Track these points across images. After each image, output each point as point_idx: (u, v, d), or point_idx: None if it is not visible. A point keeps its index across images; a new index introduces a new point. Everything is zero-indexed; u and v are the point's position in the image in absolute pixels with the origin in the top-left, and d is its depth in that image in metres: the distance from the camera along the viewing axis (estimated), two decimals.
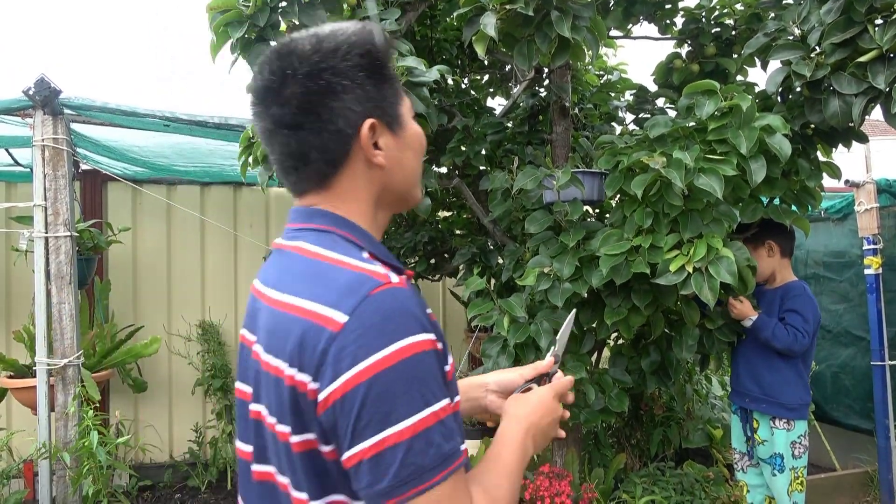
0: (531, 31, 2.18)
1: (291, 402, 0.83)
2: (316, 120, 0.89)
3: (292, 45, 0.90)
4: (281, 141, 0.92)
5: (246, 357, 0.97)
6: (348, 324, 0.79)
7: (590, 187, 2.57)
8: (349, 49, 0.90)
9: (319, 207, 0.94)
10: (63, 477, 3.21)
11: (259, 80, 0.92)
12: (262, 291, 0.95)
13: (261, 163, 2.73)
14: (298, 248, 0.92)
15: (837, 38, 2.01)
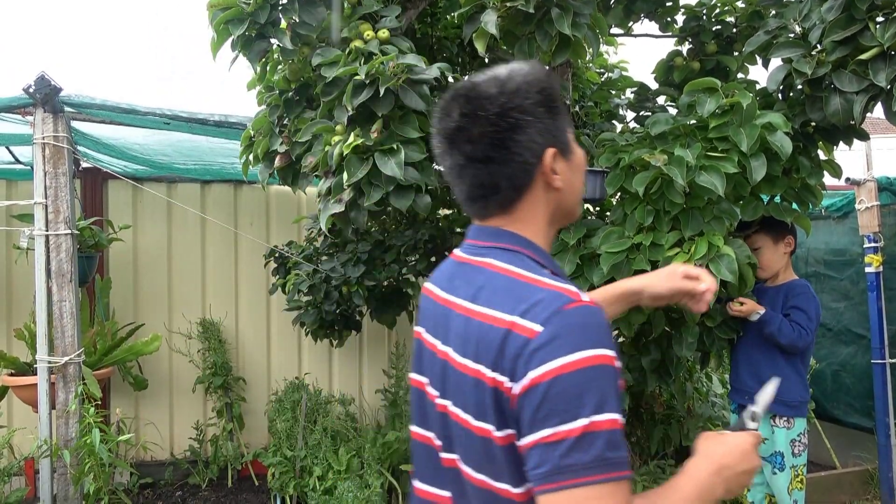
0: (532, 29, 2.18)
1: (494, 402, 0.93)
2: (506, 154, 1.00)
3: (478, 89, 1.03)
4: (472, 174, 1.03)
5: (426, 354, 1.10)
6: (542, 332, 0.89)
7: (591, 185, 2.57)
8: (528, 88, 1.02)
9: (505, 229, 1.06)
10: (64, 475, 3.21)
11: (449, 122, 1.04)
12: (452, 300, 1.06)
13: (261, 161, 2.73)
14: (489, 264, 1.03)
15: (838, 35, 2.01)
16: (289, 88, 2.67)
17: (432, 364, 1.08)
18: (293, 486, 3.70)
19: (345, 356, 4.79)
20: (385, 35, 2.28)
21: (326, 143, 2.28)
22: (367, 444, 3.81)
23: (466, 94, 1.03)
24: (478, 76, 1.06)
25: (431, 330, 1.10)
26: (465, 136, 1.02)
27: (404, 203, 2.18)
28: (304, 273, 3.72)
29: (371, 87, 2.13)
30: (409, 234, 3.60)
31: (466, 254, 1.10)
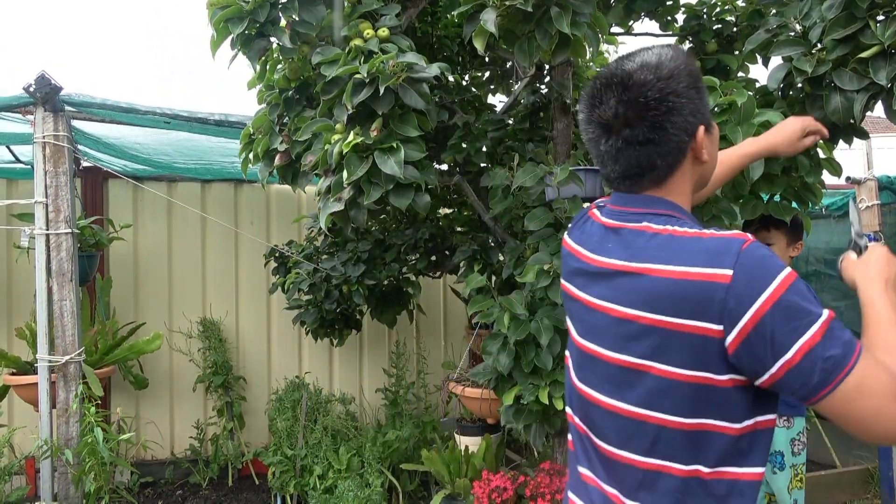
0: (531, 28, 2.18)
1: (697, 348, 1.00)
2: (664, 135, 1.10)
3: (634, 77, 1.10)
4: (631, 155, 1.12)
5: (593, 317, 1.16)
6: (735, 274, 0.98)
7: (591, 184, 2.57)
8: (680, 73, 1.10)
9: (658, 196, 1.15)
10: (65, 474, 3.21)
11: (606, 109, 1.12)
12: (609, 262, 1.13)
13: (261, 159, 2.73)
14: (648, 227, 1.11)
15: (839, 33, 2.00)
16: (289, 87, 2.67)
17: (597, 326, 1.16)
18: (293, 485, 3.70)
19: (345, 355, 4.79)
20: (385, 33, 2.28)
21: (326, 141, 2.28)
22: (367, 443, 3.81)
23: (623, 83, 1.10)
24: (625, 63, 1.12)
25: (594, 292, 1.17)
26: (624, 122, 1.10)
27: (404, 202, 2.18)
28: (304, 272, 3.72)
29: (371, 85, 2.13)
30: (410, 234, 3.61)
31: (616, 220, 1.17)
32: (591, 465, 1.20)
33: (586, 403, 1.19)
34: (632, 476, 1.10)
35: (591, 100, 1.16)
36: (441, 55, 3.58)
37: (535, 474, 2.79)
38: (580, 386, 1.21)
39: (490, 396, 3.08)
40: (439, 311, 5.09)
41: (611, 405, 1.12)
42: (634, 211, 1.16)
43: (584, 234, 1.26)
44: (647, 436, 1.07)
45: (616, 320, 1.10)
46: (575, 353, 1.24)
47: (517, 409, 2.62)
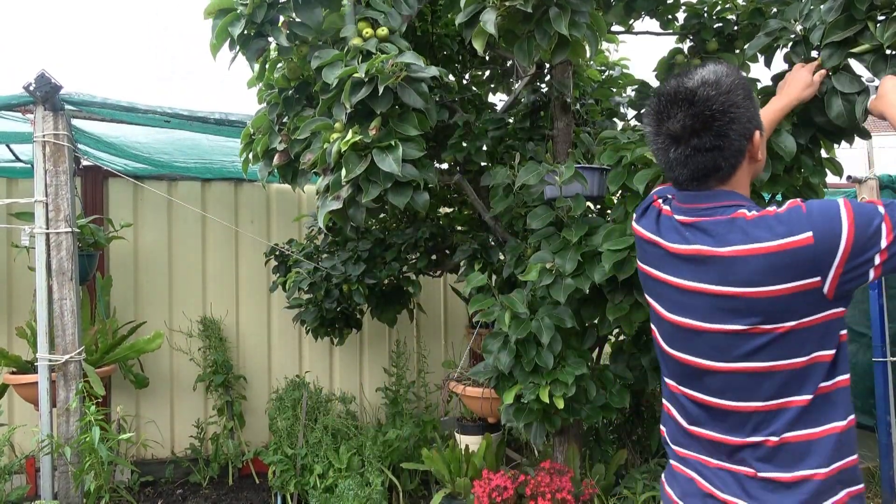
0: (531, 28, 2.17)
1: (800, 302, 1.19)
2: (727, 141, 1.28)
3: (698, 93, 1.28)
4: (699, 161, 1.30)
5: (685, 297, 1.33)
6: (815, 234, 1.18)
7: (591, 183, 2.57)
8: (736, 86, 1.29)
9: (724, 190, 1.33)
10: (65, 472, 3.21)
11: (675, 123, 1.30)
12: (703, 249, 1.29)
13: (261, 159, 2.73)
14: (722, 217, 1.28)
15: (838, 36, 1.99)
16: (288, 87, 2.66)
17: (696, 304, 1.31)
18: (294, 485, 3.70)
19: (345, 354, 4.79)
20: (384, 33, 2.28)
21: (325, 140, 2.28)
22: (367, 442, 3.81)
23: (688, 99, 1.29)
24: (686, 81, 1.31)
25: (686, 276, 1.33)
26: (692, 132, 1.28)
27: (402, 200, 2.17)
28: (304, 271, 3.72)
29: (369, 84, 2.13)
30: (410, 233, 3.60)
31: (689, 216, 1.34)
32: (696, 423, 1.37)
33: (689, 369, 1.36)
34: (753, 420, 1.26)
35: (658, 115, 1.34)
36: (441, 54, 3.58)
37: (536, 473, 2.78)
38: (677, 354, 1.38)
39: (490, 395, 3.08)
40: (440, 311, 5.08)
41: (724, 367, 1.28)
42: (705, 206, 1.32)
43: (657, 226, 1.42)
44: (768, 383, 1.24)
45: (715, 297, 1.27)
46: (666, 326, 1.40)
47: (517, 408, 2.62)
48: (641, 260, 1.48)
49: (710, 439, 1.34)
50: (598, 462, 3.28)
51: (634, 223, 1.52)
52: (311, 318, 3.78)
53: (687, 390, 1.39)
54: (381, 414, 4.64)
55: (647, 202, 1.52)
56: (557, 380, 2.47)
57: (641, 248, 1.49)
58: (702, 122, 1.27)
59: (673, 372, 1.43)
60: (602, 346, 3.28)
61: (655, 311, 1.44)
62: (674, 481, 1.44)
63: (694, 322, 1.32)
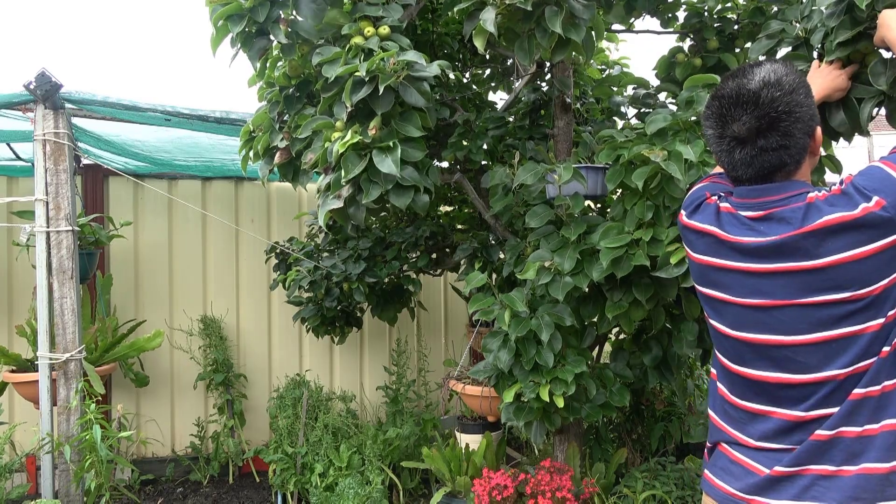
0: (531, 26, 2.18)
1: (886, 260, 1.25)
2: (792, 140, 1.32)
3: (760, 94, 1.32)
4: (765, 160, 1.34)
5: (762, 279, 1.36)
6: (884, 198, 1.25)
7: (592, 182, 2.57)
8: (798, 85, 1.33)
9: (791, 180, 1.36)
10: (66, 471, 3.22)
11: (740, 125, 1.34)
12: (783, 235, 1.32)
13: (261, 157, 2.73)
14: (796, 205, 1.32)
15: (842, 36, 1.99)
16: (289, 85, 2.66)
17: (764, 281, 1.35)
18: (294, 483, 3.71)
19: (346, 353, 4.80)
20: (385, 31, 2.28)
21: (326, 139, 2.28)
22: (368, 440, 3.81)
23: (753, 101, 1.32)
24: (747, 83, 1.34)
25: (745, 260, 1.38)
26: (758, 134, 1.32)
27: (403, 201, 2.18)
28: (304, 269, 3.72)
29: (370, 83, 2.13)
30: (410, 231, 3.60)
31: (758, 210, 1.37)
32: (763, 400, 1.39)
33: (761, 348, 1.38)
34: (825, 388, 1.30)
35: (722, 118, 1.37)
36: (441, 52, 3.58)
37: (536, 472, 2.79)
38: (749, 336, 1.39)
39: (491, 394, 3.08)
40: (440, 309, 5.09)
41: (806, 340, 1.31)
42: (776, 198, 1.36)
43: (717, 220, 1.44)
44: (851, 348, 1.28)
45: (804, 273, 1.30)
46: (733, 310, 1.42)
47: (518, 407, 2.62)
48: (697, 251, 1.49)
49: (786, 418, 1.35)
50: (599, 461, 3.29)
51: (685, 218, 1.53)
52: (312, 316, 3.78)
53: (753, 371, 1.40)
54: (382, 412, 4.64)
55: (698, 199, 1.53)
56: (557, 378, 2.48)
57: (696, 240, 1.49)
58: (768, 123, 1.31)
59: (738, 355, 1.44)
60: (602, 345, 3.28)
61: (717, 299, 1.46)
62: (727, 475, 1.44)
63: (776, 300, 1.34)
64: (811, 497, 1.30)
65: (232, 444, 4.29)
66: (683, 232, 1.55)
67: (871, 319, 1.27)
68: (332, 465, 3.67)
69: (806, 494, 1.31)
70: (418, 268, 3.67)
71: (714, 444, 1.52)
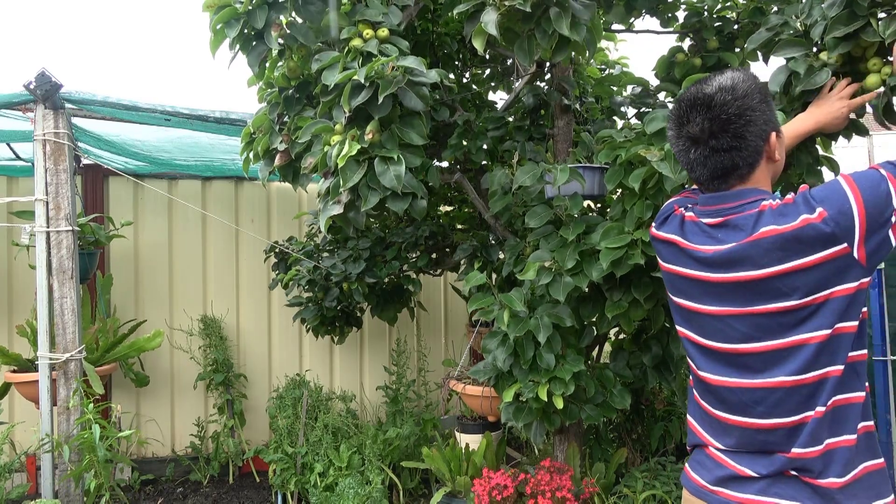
0: (532, 27, 2.17)
1: (841, 268, 1.29)
2: (743, 142, 1.37)
3: (715, 98, 1.37)
4: (717, 160, 1.40)
5: (722, 288, 1.40)
6: (827, 209, 1.28)
7: (591, 182, 2.57)
8: (752, 91, 1.38)
9: (746, 187, 1.42)
10: (66, 471, 3.22)
11: (693, 126, 1.40)
12: (738, 243, 1.36)
13: (261, 159, 2.73)
14: (749, 212, 1.37)
15: (840, 32, 1.99)
16: (288, 86, 2.66)
17: (724, 289, 1.40)
18: (294, 483, 3.71)
19: (346, 353, 4.80)
20: (384, 34, 2.28)
21: (326, 142, 2.28)
22: (367, 440, 3.81)
23: (706, 104, 1.38)
24: (705, 88, 1.40)
25: (707, 270, 1.42)
26: (710, 135, 1.38)
27: (401, 206, 2.19)
28: (304, 269, 3.72)
29: (370, 88, 2.13)
30: (410, 231, 3.60)
31: (716, 217, 1.43)
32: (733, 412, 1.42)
33: (722, 355, 1.42)
34: (797, 396, 1.33)
35: (679, 119, 1.43)
36: (441, 52, 3.58)
37: (536, 472, 2.79)
38: (712, 343, 1.44)
39: (490, 394, 3.08)
40: (440, 309, 5.09)
41: (758, 348, 1.36)
42: (732, 205, 1.41)
43: (681, 230, 1.50)
44: (809, 354, 1.31)
45: (756, 282, 1.35)
46: (698, 319, 1.47)
47: (517, 407, 2.62)
48: (665, 261, 1.56)
49: (747, 426, 1.39)
50: (599, 460, 3.29)
51: (654, 230, 1.59)
52: (312, 316, 3.78)
53: (723, 378, 1.43)
54: (382, 412, 4.65)
55: (668, 211, 1.59)
56: (556, 378, 2.48)
57: (663, 250, 1.56)
58: (719, 125, 1.37)
59: (707, 363, 1.48)
60: (602, 345, 3.28)
61: (684, 307, 1.51)
62: (701, 468, 1.49)
63: (732, 308, 1.39)
64: (774, 493, 1.35)
65: (232, 444, 4.29)
66: (653, 243, 1.61)
67: (817, 329, 1.31)
68: (332, 464, 3.67)
69: (770, 490, 1.36)
70: (418, 268, 3.67)
71: (693, 447, 1.58)
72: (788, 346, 1.34)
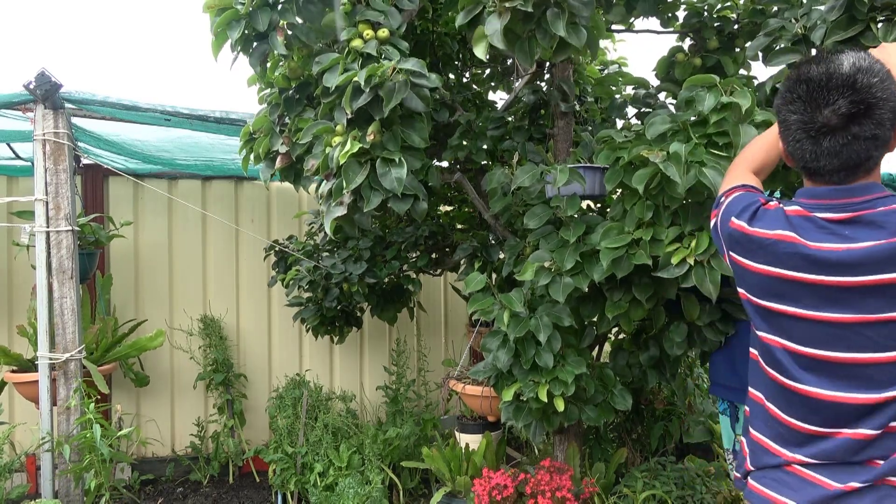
0: (532, 27, 2.17)
1: None
2: (883, 130, 1.25)
3: (856, 78, 1.24)
4: (854, 149, 1.26)
5: (854, 293, 1.28)
6: None
7: (591, 182, 2.57)
8: (887, 75, 1.26)
9: (870, 182, 1.30)
10: (66, 470, 3.22)
11: (837, 110, 1.25)
12: (876, 243, 1.25)
13: (263, 160, 2.73)
14: (886, 207, 1.27)
15: (840, 36, 2.00)
16: (289, 87, 2.66)
17: (837, 297, 1.29)
18: (294, 483, 3.71)
19: (346, 353, 4.80)
20: (384, 34, 2.28)
21: (327, 144, 2.28)
22: (367, 440, 3.81)
23: (850, 85, 1.24)
24: (839, 67, 1.25)
25: (831, 273, 1.29)
26: (852, 120, 1.24)
27: (403, 207, 2.19)
28: (304, 269, 3.72)
29: (371, 91, 2.13)
30: (410, 231, 3.60)
31: (842, 213, 1.30)
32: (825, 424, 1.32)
33: (831, 365, 1.30)
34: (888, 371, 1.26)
35: (813, 102, 1.27)
36: (441, 52, 3.58)
37: (536, 472, 2.79)
38: (820, 353, 1.31)
39: (490, 394, 3.08)
40: (440, 309, 5.09)
41: (887, 358, 1.26)
42: (862, 199, 1.29)
43: (789, 225, 1.35)
44: None
45: None
46: (802, 326, 1.33)
47: (517, 407, 2.62)
48: (757, 261, 1.38)
49: (850, 437, 1.29)
50: (598, 460, 3.29)
51: (745, 225, 1.40)
52: (312, 316, 3.78)
53: (832, 393, 1.31)
54: (382, 412, 4.65)
55: (753, 205, 1.42)
56: (557, 378, 2.48)
57: (757, 249, 1.38)
58: (864, 109, 1.23)
59: (808, 374, 1.35)
60: (602, 345, 3.28)
61: (778, 312, 1.37)
62: (784, 487, 1.37)
63: (864, 315, 1.27)
64: None
65: (232, 443, 4.29)
66: (741, 241, 1.41)
67: None
68: (332, 464, 3.68)
69: (883, 503, 1.28)
70: (418, 267, 3.67)
71: (761, 468, 1.44)
72: None
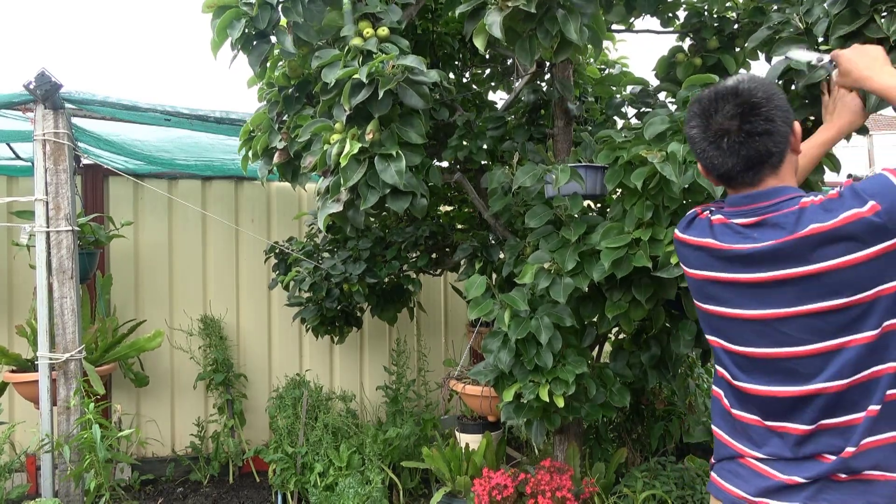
0: (533, 27, 2.17)
1: (892, 262, 1.26)
2: (775, 126, 1.36)
3: (738, 87, 1.38)
4: (751, 146, 1.37)
5: (762, 288, 1.37)
6: (879, 202, 1.26)
7: (591, 181, 2.57)
8: (769, 82, 1.39)
9: (779, 185, 1.40)
10: (66, 471, 3.22)
11: (725, 114, 1.38)
12: (778, 240, 1.33)
13: (260, 157, 2.73)
14: (790, 209, 1.34)
15: (844, 30, 1.99)
16: (288, 85, 2.66)
17: (765, 289, 1.36)
18: (294, 483, 3.71)
19: (346, 353, 4.80)
20: (385, 32, 2.28)
21: (325, 141, 2.28)
22: (367, 440, 3.81)
23: (733, 93, 1.38)
24: (723, 85, 1.41)
25: (740, 270, 1.39)
26: (742, 119, 1.36)
27: (401, 205, 2.18)
28: (304, 270, 3.72)
29: (370, 86, 2.13)
30: (410, 231, 3.60)
31: (750, 217, 1.40)
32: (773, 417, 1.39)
33: (763, 362, 1.38)
34: (848, 398, 1.31)
35: (705, 113, 1.42)
36: (441, 52, 3.58)
37: (536, 472, 2.79)
38: (751, 350, 1.40)
39: (490, 394, 3.08)
40: (440, 309, 5.08)
41: (809, 350, 1.32)
42: (767, 204, 1.38)
43: (711, 231, 1.46)
44: (860, 355, 1.29)
45: (802, 279, 1.31)
46: (733, 325, 1.43)
47: (517, 406, 2.62)
48: (692, 267, 1.51)
49: (793, 433, 1.36)
50: (599, 460, 3.29)
51: (680, 234, 1.55)
52: (312, 316, 3.78)
53: (766, 388, 1.39)
54: (382, 412, 4.64)
55: (691, 215, 1.56)
56: (558, 378, 2.47)
57: (690, 255, 1.52)
58: (750, 108, 1.35)
59: (740, 371, 1.44)
60: (602, 344, 3.28)
61: (715, 314, 1.47)
62: (736, 479, 1.44)
63: (778, 311, 1.35)
64: (823, 499, 1.31)
65: (232, 443, 4.29)
66: (679, 248, 1.57)
67: (868, 328, 1.29)
68: (332, 464, 3.67)
69: (819, 497, 1.32)
70: (418, 267, 3.67)
71: (720, 459, 1.51)
72: (839, 348, 1.31)
